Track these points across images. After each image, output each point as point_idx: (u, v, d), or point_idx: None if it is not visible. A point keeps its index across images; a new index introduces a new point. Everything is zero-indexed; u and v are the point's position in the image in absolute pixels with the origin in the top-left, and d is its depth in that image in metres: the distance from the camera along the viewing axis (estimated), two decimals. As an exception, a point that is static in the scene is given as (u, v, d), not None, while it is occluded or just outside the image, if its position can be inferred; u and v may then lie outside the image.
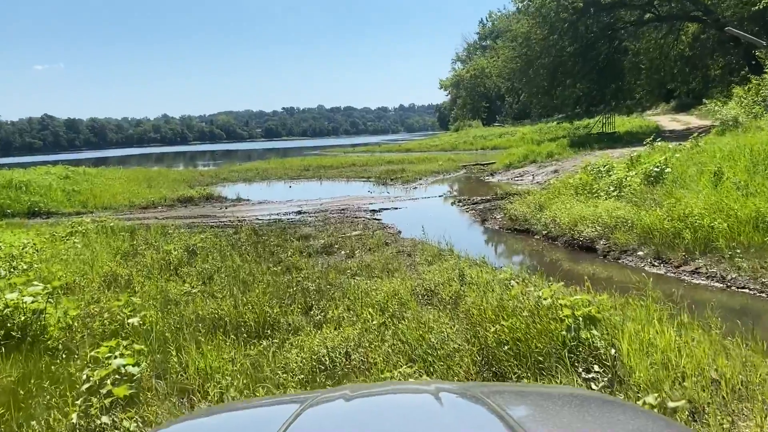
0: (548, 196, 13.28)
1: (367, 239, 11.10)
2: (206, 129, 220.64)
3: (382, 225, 13.29)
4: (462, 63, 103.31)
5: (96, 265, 8.51)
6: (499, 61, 77.42)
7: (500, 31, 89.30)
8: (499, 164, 26.87)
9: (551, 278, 7.22)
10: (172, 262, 8.81)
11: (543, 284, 6.71)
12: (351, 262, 9.10)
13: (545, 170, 23.59)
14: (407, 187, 22.46)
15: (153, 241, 11.02)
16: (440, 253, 9.20)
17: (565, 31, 35.23)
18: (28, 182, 17.69)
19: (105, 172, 26.26)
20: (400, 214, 15.44)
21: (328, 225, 13.33)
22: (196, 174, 32.63)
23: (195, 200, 19.33)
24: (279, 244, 10.93)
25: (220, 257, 9.42)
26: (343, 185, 25.14)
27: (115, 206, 17.80)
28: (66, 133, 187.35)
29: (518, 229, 11.80)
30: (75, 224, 11.50)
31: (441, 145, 52.83)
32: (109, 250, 9.83)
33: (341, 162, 34.93)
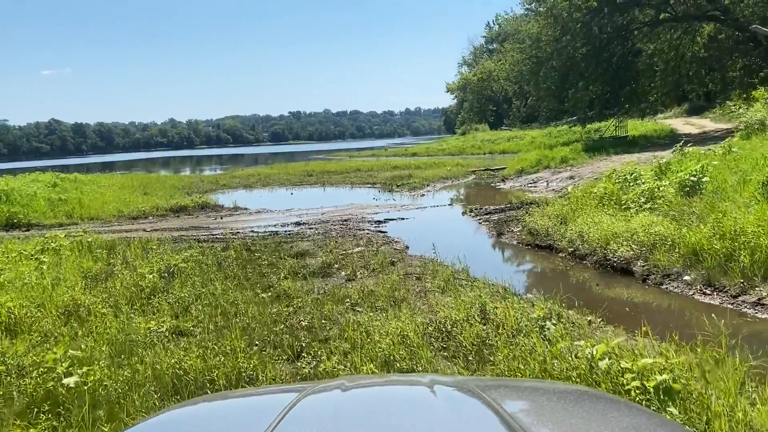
0: (570, 207, 12.04)
1: (371, 257, 9.90)
2: (213, 133, 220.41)
3: (387, 239, 12.09)
4: (468, 66, 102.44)
5: (57, 293, 7.35)
6: (506, 64, 76.41)
7: (507, 34, 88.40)
8: (511, 170, 25.65)
9: (594, 315, 6.01)
10: (145, 289, 7.64)
11: (585, 324, 5.51)
12: (351, 287, 7.91)
13: (560, 176, 22.37)
14: (414, 194, 21.26)
15: (132, 260, 9.87)
16: (454, 276, 7.99)
17: (578, 31, 34.00)
18: (8, 191, 16.58)
19: (98, 179, 25.16)
20: (407, 225, 14.23)
21: (329, 239, 12.13)
22: (195, 180, 31.52)
23: (189, 210, 18.19)
24: (272, 263, 9.75)
25: (201, 281, 8.25)
26: (347, 192, 23.97)
27: (103, 217, 16.67)
28: (73, 138, 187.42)
29: (540, 245, 10.57)
30: (47, 240, 10.36)
31: (448, 149, 51.66)
32: (79, 272, 8.68)
33: (346, 167, 33.77)
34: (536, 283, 8.19)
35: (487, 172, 27.40)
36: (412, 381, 1.93)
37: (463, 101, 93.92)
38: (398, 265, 9.23)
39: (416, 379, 1.94)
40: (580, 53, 34.87)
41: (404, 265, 9.19)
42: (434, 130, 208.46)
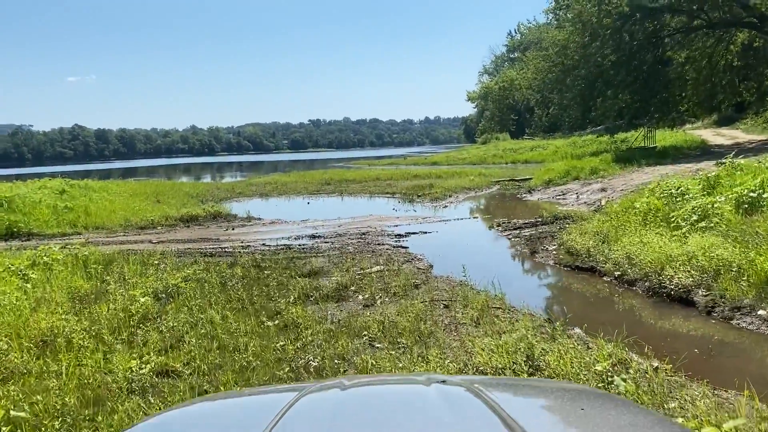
0: (612, 224, 10.94)
1: (392, 277, 8.89)
2: (233, 140, 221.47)
3: (409, 255, 11.06)
4: (489, 75, 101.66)
5: (35, 318, 6.44)
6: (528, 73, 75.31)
7: (530, 43, 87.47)
8: (537, 180, 24.49)
9: (659, 358, 4.93)
10: (135, 314, 6.69)
11: (653, 373, 4.44)
12: (370, 316, 6.90)
13: (591, 188, 21.19)
14: (436, 205, 20.21)
15: (129, 277, 8.97)
16: (488, 305, 6.94)
17: (607, 38, 32.80)
18: (11, 198, 15.84)
19: (110, 186, 24.43)
20: (430, 240, 13.20)
21: (345, 255, 11.14)
22: (212, 187, 30.79)
23: (200, 219, 17.32)
24: (281, 283, 8.77)
25: (200, 305, 7.30)
26: (365, 202, 23.00)
27: (109, 226, 15.84)
28: (96, 144, 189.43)
29: (580, 267, 9.46)
30: (40, 253, 9.51)
31: (469, 159, 50.58)
32: (67, 292, 7.78)
33: (365, 176, 32.82)
34: (583, 313, 7.10)
35: (511, 183, 26.26)
36: (411, 380, 1.93)
37: (483, 110, 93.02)
38: (422, 289, 8.20)
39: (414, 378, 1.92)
40: (609, 60, 33.68)
41: (429, 289, 8.15)
42: (454, 138, 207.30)
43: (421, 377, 1.73)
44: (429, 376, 1.70)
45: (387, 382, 2.02)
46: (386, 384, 1.96)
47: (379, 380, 2.11)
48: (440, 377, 1.73)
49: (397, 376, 2.78)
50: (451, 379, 1.76)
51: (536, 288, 8.70)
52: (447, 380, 1.69)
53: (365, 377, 2.48)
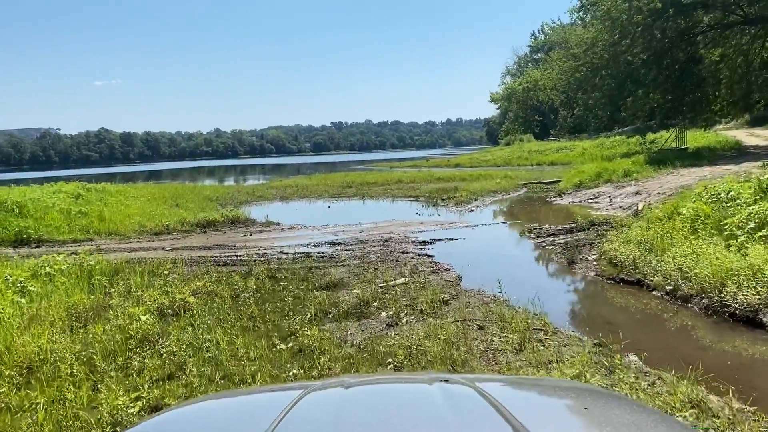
0: (656, 232, 10.05)
1: (418, 291, 8.13)
2: (257, 143, 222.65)
3: (435, 265, 10.28)
4: (513, 76, 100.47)
5: (25, 339, 5.80)
6: (553, 73, 74.02)
7: (554, 43, 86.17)
8: (567, 183, 23.51)
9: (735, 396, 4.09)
10: (135, 336, 6.02)
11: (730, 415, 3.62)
12: (395, 338, 6.15)
13: (624, 191, 20.20)
14: (461, 209, 19.37)
15: (134, 290, 8.33)
16: (529, 327, 6.13)
17: (638, 36, 31.61)
18: (22, 203, 15.38)
19: (128, 190, 23.98)
20: (457, 247, 12.40)
21: (367, 264, 10.40)
22: (232, 191, 30.29)
23: (217, 224, 16.71)
24: (298, 297, 8.06)
25: (208, 324, 6.62)
26: (387, 205, 22.26)
27: (123, 232, 15.28)
28: (121, 147, 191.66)
29: (625, 280, 8.58)
30: (42, 263, 8.93)
31: (493, 160, 49.58)
32: (66, 308, 7.15)
33: (386, 178, 32.07)
34: (636, 336, 6.24)
35: (539, 186, 25.33)
36: (414, 379, 1.94)
37: (507, 111, 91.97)
38: (452, 305, 7.42)
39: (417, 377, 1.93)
40: (640, 59, 32.47)
41: (460, 305, 7.36)
42: (476, 140, 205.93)
43: (424, 376, 1.73)
44: (432, 375, 1.69)
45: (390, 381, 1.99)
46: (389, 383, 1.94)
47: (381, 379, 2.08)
48: (443, 376, 1.71)
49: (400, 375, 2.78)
50: (454, 377, 1.73)
51: (579, 304, 7.85)
52: (450, 379, 1.67)
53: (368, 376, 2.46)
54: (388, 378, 2.21)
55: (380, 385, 1.83)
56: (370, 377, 2.28)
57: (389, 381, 1.99)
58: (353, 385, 1.66)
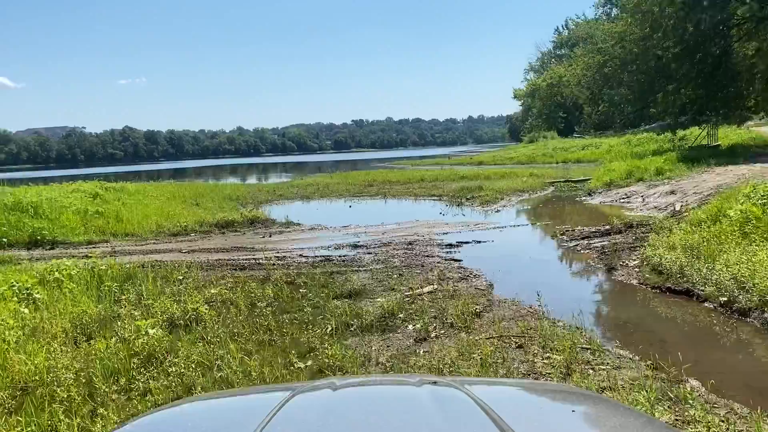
0: (702, 236, 9.33)
1: (447, 300, 7.53)
2: (278, 141, 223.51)
3: (463, 271, 9.66)
4: (535, 72, 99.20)
5: (18, 359, 5.32)
6: (578, 69, 72.73)
7: (578, 39, 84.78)
8: (597, 182, 22.69)
9: None
10: (141, 353, 5.51)
11: None
12: (423, 356, 5.57)
13: (658, 191, 19.35)
14: (487, 209, 18.71)
15: (146, 297, 7.87)
16: (574, 345, 5.49)
17: (670, 29, 30.52)
18: (38, 203, 15.08)
19: (147, 189, 23.67)
20: (486, 250, 11.77)
21: (391, 269, 9.83)
22: (253, 189, 29.93)
23: (236, 225, 16.26)
24: (317, 307, 7.52)
25: (221, 338, 6.10)
26: (410, 205, 21.67)
27: (140, 233, 14.90)
28: (145, 145, 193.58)
29: (673, 290, 7.89)
30: (51, 268, 8.52)
31: (517, 158, 48.72)
32: (70, 318, 6.70)
33: (409, 177, 31.46)
34: (693, 356, 5.55)
35: (567, 184, 24.53)
36: (402, 381, 1.93)
37: (529, 108, 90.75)
38: (485, 318, 6.81)
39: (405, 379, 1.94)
40: (671, 53, 31.37)
41: (494, 318, 6.75)
42: (498, 137, 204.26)
43: (412, 378, 1.70)
44: (421, 378, 1.67)
45: (378, 383, 1.99)
46: (378, 385, 1.94)
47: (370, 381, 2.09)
48: (431, 378, 1.70)
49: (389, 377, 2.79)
50: (442, 380, 1.72)
51: (624, 318, 7.16)
52: (438, 381, 1.66)
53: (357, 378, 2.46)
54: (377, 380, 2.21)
55: (368, 387, 1.84)
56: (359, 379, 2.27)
57: (377, 383, 1.99)
58: (341, 386, 1.65)
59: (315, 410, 1.44)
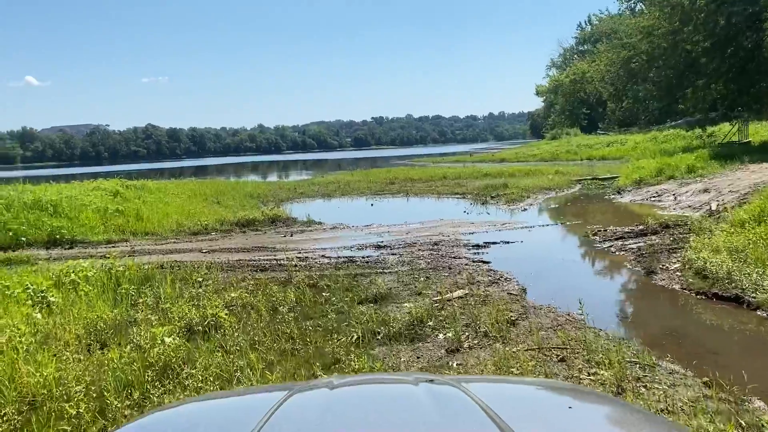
0: (747, 238, 8.79)
1: (478, 306, 7.11)
2: (299, 139, 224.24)
3: (493, 274, 9.23)
4: (557, 69, 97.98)
5: (27, 370, 5.03)
6: (601, 65, 71.52)
7: (601, 34, 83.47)
8: (626, 179, 22.03)
9: None
10: (155, 364, 5.19)
11: None
12: (457, 369, 5.17)
13: (690, 189, 18.67)
14: (513, 207, 18.21)
15: (164, 300, 7.57)
16: (622, 359, 5.05)
17: (700, 22, 29.62)
18: (57, 202, 14.93)
19: (168, 187, 23.50)
20: (515, 252, 11.32)
21: (417, 272, 9.43)
22: (274, 187, 29.70)
23: (257, 224, 15.98)
24: (342, 312, 7.16)
25: (241, 347, 5.76)
26: (433, 203, 21.25)
27: (159, 231, 14.67)
28: (168, 142, 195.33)
29: (720, 296, 7.38)
30: (67, 269, 8.27)
31: (540, 155, 47.96)
32: (84, 324, 6.41)
33: (430, 174, 31.01)
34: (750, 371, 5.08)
35: (595, 182, 23.90)
36: (399, 379, 1.92)
37: (551, 104, 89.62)
38: (521, 326, 6.38)
39: (403, 377, 1.92)
40: (702, 47, 30.47)
41: (531, 327, 6.31)
42: (519, 134, 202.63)
43: (409, 377, 1.70)
44: (417, 376, 1.67)
45: (376, 382, 1.98)
46: (375, 383, 1.92)
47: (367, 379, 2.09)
48: (428, 376, 1.68)
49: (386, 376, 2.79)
50: (439, 378, 1.72)
51: (670, 327, 6.66)
52: (435, 379, 1.65)
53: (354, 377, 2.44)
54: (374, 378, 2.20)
55: (366, 386, 1.83)
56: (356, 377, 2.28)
57: (375, 381, 2.00)
58: (339, 385, 1.65)
59: (313, 409, 1.44)
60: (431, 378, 1.65)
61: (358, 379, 2.04)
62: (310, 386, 1.66)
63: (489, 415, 1.29)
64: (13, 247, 12.75)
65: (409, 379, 1.67)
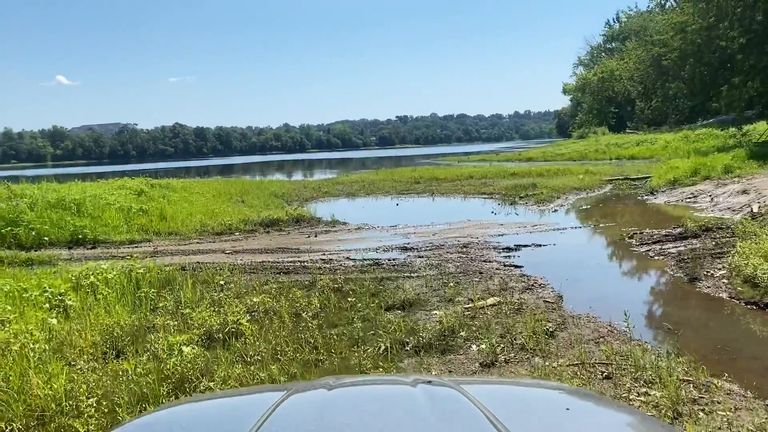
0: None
1: (513, 315, 6.71)
2: (323, 137, 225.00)
3: (526, 279, 8.80)
4: (585, 67, 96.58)
5: (36, 381, 4.77)
6: (630, 63, 70.18)
7: (630, 32, 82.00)
8: (660, 180, 21.33)
9: None
10: (171, 376, 4.89)
11: None
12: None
13: (727, 190, 17.96)
14: (543, 208, 17.70)
15: (184, 305, 7.31)
16: (674, 378, 4.61)
17: (737, 18, 28.66)
18: (80, 201, 14.84)
19: (193, 185, 23.40)
20: (548, 255, 10.87)
21: (446, 276, 9.05)
22: (298, 186, 29.49)
23: (281, 224, 15.73)
24: (368, 319, 6.82)
25: (262, 357, 5.46)
26: (459, 203, 20.82)
27: (183, 231, 14.49)
28: (195, 141, 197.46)
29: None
30: (87, 271, 8.06)
31: (568, 154, 47.04)
32: (101, 330, 6.16)
33: (456, 173, 30.51)
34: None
35: (626, 182, 23.22)
36: (397, 381, 1.91)
37: (578, 103, 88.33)
38: (560, 338, 5.97)
39: (401, 378, 1.91)
40: (738, 44, 29.49)
41: (570, 338, 5.90)
42: (545, 133, 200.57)
43: (407, 378, 1.69)
44: (415, 377, 1.66)
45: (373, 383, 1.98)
46: (373, 384, 1.94)
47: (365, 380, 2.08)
48: (426, 377, 1.67)
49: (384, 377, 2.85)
50: (437, 379, 1.71)
51: (721, 339, 6.17)
52: (433, 381, 1.65)
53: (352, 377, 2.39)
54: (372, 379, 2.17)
55: (364, 387, 1.84)
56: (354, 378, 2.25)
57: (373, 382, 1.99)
58: (337, 386, 1.65)
59: (310, 410, 1.43)
60: (429, 379, 1.65)
61: (356, 380, 2.03)
62: (309, 387, 1.66)
63: (487, 416, 1.29)
64: (35, 247, 12.67)
65: (407, 381, 1.66)
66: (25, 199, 14.30)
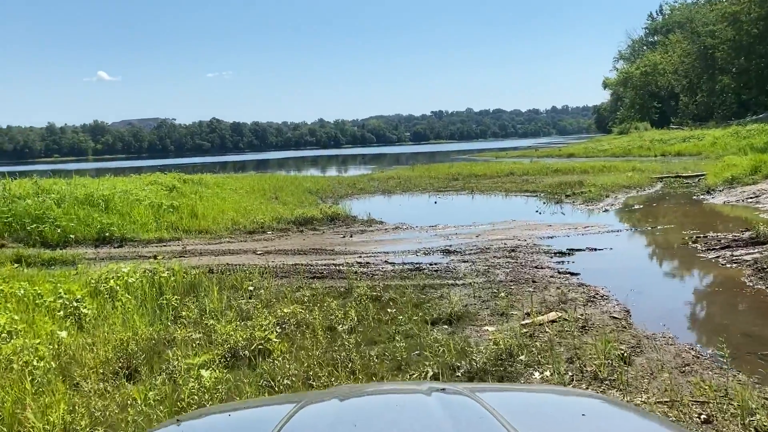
0: None
1: (578, 336, 5.85)
2: (358, 133, 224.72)
3: (584, 289, 7.91)
4: (626, 61, 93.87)
5: (33, 407, 4.15)
6: (674, 56, 67.68)
7: (674, 24, 79.27)
8: (715, 178, 20.03)
9: None
10: (188, 406, 4.21)
11: None
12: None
13: (794, 189, 16.67)
14: (592, 207, 16.66)
15: (209, 313, 6.66)
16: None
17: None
18: (110, 197, 14.40)
19: (227, 181, 22.92)
20: (605, 261, 9.93)
21: (495, 285, 8.21)
22: (332, 182, 28.87)
23: (316, 222, 15.07)
24: (411, 336, 6.05)
25: (293, 381, 4.75)
26: (501, 202, 19.89)
27: (214, 230, 13.92)
28: (231, 136, 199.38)
29: None
30: (107, 275, 7.49)
31: (610, 150, 45.41)
32: (115, 345, 5.53)
33: (495, 170, 29.47)
34: None
35: (678, 180, 21.94)
36: (411, 389, 1.85)
37: (619, 98, 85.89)
38: (638, 365, 5.10)
39: (414, 387, 1.82)
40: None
41: (650, 366, 5.03)
42: (583, 129, 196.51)
43: (421, 386, 1.65)
44: (430, 385, 1.62)
45: (387, 392, 1.92)
46: (386, 393, 1.87)
47: (378, 390, 2.01)
48: (440, 385, 1.63)
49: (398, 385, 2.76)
50: (451, 387, 1.65)
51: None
52: (447, 389, 1.60)
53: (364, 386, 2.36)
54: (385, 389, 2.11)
55: (377, 396, 1.77)
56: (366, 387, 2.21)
57: (386, 392, 1.93)
58: (349, 396, 1.63)
59: (323, 421, 1.40)
60: (443, 387, 1.60)
61: (370, 389, 1.99)
62: (321, 397, 1.62)
63: (503, 424, 1.26)
64: (61, 245, 12.26)
65: (421, 389, 1.61)
66: (52, 195, 13.95)
